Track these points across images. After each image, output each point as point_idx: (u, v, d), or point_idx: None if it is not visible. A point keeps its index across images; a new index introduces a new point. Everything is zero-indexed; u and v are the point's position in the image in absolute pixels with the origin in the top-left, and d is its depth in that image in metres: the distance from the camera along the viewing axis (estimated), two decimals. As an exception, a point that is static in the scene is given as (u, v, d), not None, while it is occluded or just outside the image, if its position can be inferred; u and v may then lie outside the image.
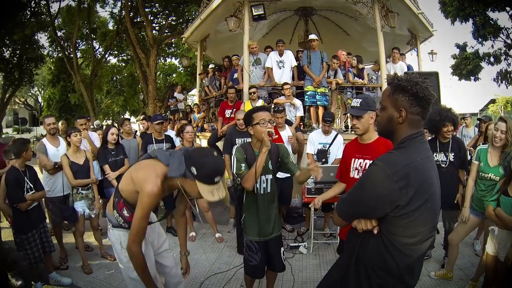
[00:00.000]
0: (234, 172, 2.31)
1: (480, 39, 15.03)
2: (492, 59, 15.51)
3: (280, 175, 2.92)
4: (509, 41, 14.82)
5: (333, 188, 2.72)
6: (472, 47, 15.98)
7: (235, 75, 6.18)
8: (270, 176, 2.38)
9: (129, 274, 1.89)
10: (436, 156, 3.15)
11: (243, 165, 2.26)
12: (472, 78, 16.11)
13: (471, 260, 3.49)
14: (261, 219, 2.39)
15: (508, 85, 16.05)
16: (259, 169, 2.17)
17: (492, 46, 15.39)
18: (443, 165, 3.12)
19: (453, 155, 3.11)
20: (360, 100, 2.29)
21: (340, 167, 2.64)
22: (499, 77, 16.01)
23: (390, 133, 1.36)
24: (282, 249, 2.54)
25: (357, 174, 2.37)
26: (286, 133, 4.30)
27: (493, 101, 27.03)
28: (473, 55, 15.64)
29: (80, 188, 3.43)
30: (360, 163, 2.35)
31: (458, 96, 60.06)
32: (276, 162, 2.40)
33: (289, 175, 4.18)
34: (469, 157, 3.76)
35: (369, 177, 1.29)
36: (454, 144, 3.14)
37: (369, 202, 1.27)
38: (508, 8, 13.82)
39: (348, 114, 5.88)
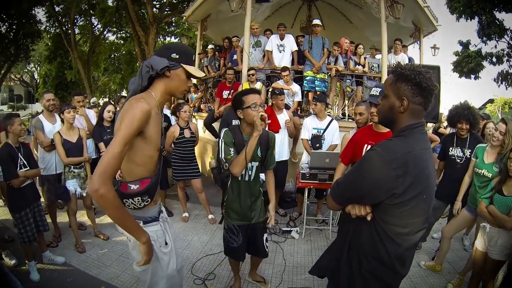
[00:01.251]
0: (223, 156, 2.20)
1: (484, 38, 14.85)
2: (494, 59, 15.37)
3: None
4: (513, 43, 14.72)
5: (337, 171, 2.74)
6: (475, 46, 15.84)
7: (235, 56, 6.11)
8: (256, 164, 2.30)
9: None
10: (451, 150, 3.13)
11: (231, 149, 2.17)
12: (473, 76, 16.00)
13: (460, 254, 3.53)
14: (242, 205, 2.34)
15: (508, 86, 15.99)
16: (249, 155, 2.09)
17: (495, 47, 15.24)
18: (458, 160, 3.07)
19: (470, 152, 3.02)
20: (380, 89, 2.33)
21: (348, 150, 2.65)
22: (500, 78, 15.91)
23: (391, 122, 1.34)
24: (265, 235, 2.50)
25: None
26: (284, 116, 4.27)
27: (491, 101, 27.17)
28: (476, 54, 15.50)
29: (72, 167, 3.36)
30: None
31: (457, 93, 60.11)
32: (266, 150, 2.33)
33: (284, 158, 4.26)
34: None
35: (367, 162, 1.26)
36: (472, 141, 3.05)
37: (365, 187, 1.25)
38: (515, 10, 13.63)
39: (347, 102, 5.98)
